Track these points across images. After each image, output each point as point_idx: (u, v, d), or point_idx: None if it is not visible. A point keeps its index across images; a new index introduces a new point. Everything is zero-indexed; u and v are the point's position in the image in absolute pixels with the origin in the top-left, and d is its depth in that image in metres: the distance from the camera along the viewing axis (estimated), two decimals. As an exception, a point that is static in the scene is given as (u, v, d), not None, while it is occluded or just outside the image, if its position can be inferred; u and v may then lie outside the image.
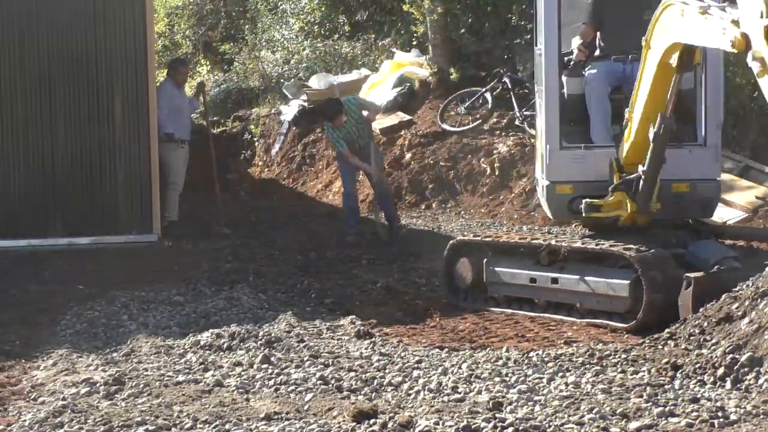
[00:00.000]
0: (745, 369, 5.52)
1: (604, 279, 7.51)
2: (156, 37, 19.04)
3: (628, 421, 4.94)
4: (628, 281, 7.31)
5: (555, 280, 7.80)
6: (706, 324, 6.21)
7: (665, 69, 7.21)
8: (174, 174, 11.65)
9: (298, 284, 9.29)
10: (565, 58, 8.56)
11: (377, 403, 5.32)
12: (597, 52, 8.65)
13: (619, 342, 6.67)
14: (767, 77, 5.76)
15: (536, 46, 8.74)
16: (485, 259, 8.28)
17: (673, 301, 7.05)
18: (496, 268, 8.21)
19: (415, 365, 6.21)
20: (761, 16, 5.79)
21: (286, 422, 5.05)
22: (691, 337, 6.17)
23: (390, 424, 4.89)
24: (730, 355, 5.63)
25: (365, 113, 11.47)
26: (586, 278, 7.61)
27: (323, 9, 19.59)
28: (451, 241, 8.76)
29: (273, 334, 7.02)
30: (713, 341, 5.97)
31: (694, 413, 5.01)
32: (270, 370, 6.11)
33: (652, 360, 5.95)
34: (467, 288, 8.43)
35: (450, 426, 4.84)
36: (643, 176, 7.59)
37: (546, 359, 6.19)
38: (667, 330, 6.49)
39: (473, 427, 4.83)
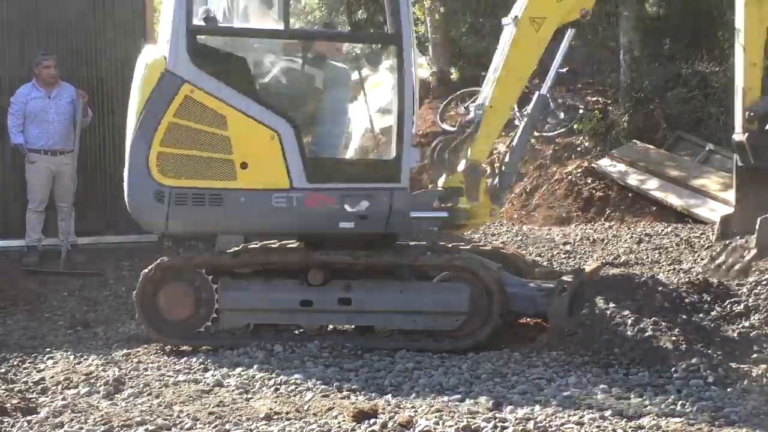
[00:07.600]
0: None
1: None
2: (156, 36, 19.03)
3: (628, 420, 4.94)
4: None
5: None
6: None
7: None
8: None
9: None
10: None
11: (377, 403, 5.32)
12: None
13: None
14: None
15: None
16: None
17: None
18: None
19: (415, 365, 6.21)
20: None
21: (286, 422, 5.05)
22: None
23: (390, 424, 4.89)
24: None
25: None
26: None
27: (323, 8, 19.62)
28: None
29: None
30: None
31: (694, 413, 5.02)
32: (270, 370, 6.12)
33: (651, 360, 5.95)
34: None
35: (450, 426, 4.85)
36: None
37: (546, 359, 6.19)
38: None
39: (473, 427, 4.84)
